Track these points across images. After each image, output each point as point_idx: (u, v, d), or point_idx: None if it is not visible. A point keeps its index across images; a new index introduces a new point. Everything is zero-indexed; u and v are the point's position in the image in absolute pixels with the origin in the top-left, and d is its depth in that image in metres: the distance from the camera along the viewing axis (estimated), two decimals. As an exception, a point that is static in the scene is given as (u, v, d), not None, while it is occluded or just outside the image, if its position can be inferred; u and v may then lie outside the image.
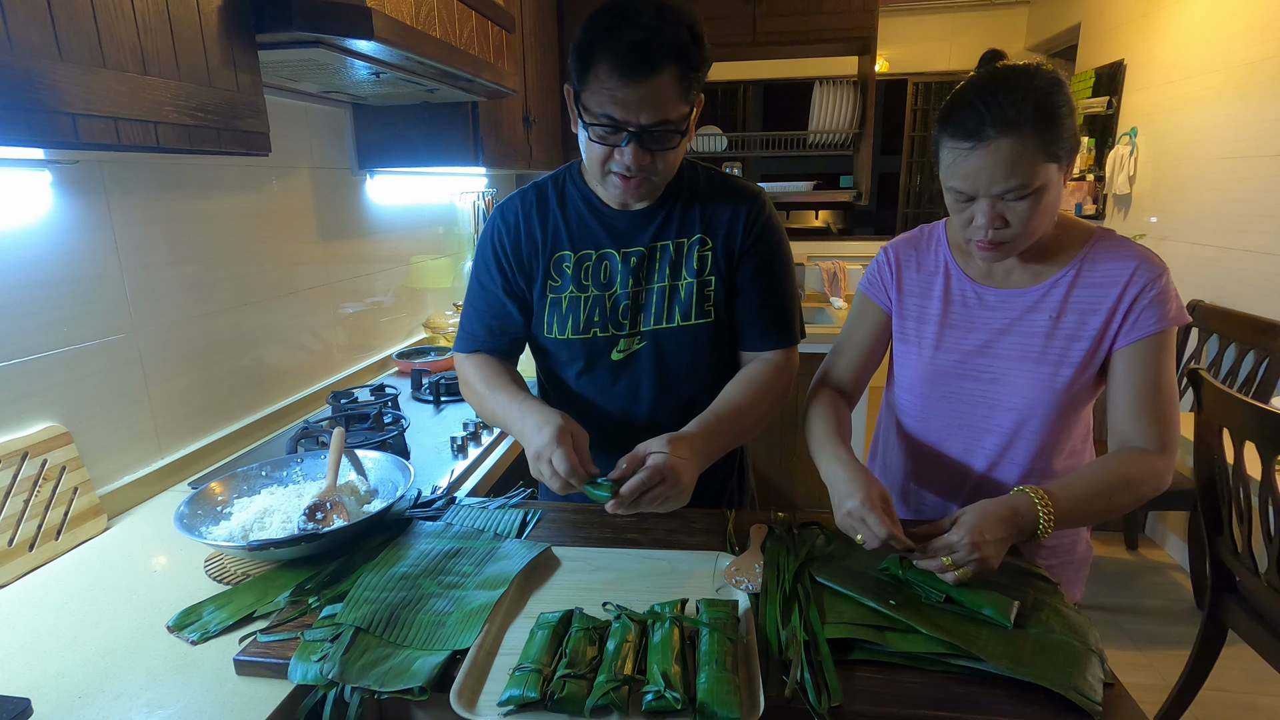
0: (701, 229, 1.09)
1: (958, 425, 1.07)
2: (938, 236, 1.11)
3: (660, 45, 0.89)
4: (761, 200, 1.12)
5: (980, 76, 0.91)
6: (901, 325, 1.12)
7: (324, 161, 1.77)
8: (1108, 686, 0.70)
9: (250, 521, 0.99)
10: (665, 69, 0.90)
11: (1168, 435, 0.95)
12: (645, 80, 0.90)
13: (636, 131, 0.94)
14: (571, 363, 1.14)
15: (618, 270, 1.09)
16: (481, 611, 0.81)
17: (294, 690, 0.74)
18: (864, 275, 1.18)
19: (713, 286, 1.09)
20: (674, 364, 1.11)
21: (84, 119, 0.75)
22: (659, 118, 0.93)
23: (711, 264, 1.09)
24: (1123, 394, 0.97)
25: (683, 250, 1.09)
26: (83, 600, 0.92)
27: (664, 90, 0.91)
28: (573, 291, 1.10)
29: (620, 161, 0.97)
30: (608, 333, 1.10)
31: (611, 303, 1.09)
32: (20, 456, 1.02)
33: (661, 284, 1.09)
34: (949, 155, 0.91)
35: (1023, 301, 1.01)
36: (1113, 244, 0.99)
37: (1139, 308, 0.95)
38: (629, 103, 0.91)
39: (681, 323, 1.09)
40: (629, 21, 0.90)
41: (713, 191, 1.10)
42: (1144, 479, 0.93)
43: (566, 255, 1.10)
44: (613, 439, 1.09)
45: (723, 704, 0.66)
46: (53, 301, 1.09)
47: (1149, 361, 0.95)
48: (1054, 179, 0.89)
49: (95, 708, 0.72)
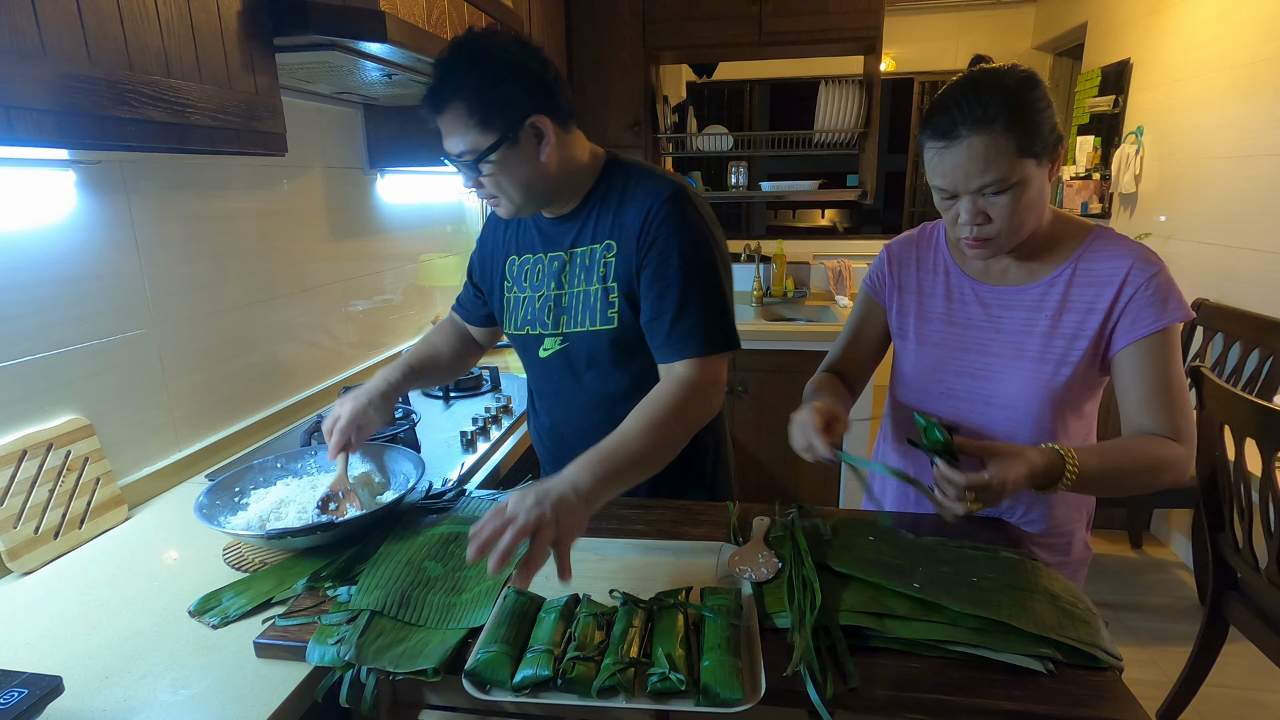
0: (609, 234, 1.09)
1: (955, 421, 1.09)
2: (938, 235, 1.13)
3: (446, 83, 0.97)
4: (665, 196, 1.04)
5: (956, 80, 0.94)
6: (901, 322, 1.14)
7: (336, 161, 1.80)
8: (1111, 680, 0.72)
9: (267, 512, 1.02)
10: (450, 105, 0.98)
11: (1183, 424, 0.95)
12: (440, 117, 1.00)
13: (448, 159, 1.04)
14: (522, 355, 1.25)
15: (546, 273, 1.15)
16: (490, 592, 0.85)
17: (312, 672, 0.77)
18: (866, 273, 1.20)
19: (616, 293, 1.08)
20: (588, 366, 1.15)
21: (111, 120, 0.78)
22: (458, 149, 1.01)
23: (614, 271, 1.08)
24: (1133, 391, 0.97)
25: (595, 256, 1.10)
26: (106, 586, 0.95)
27: (453, 125, 0.99)
28: (516, 291, 1.19)
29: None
30: (536, 331, 1.17)
31: (540, 303, 1.16)
32: (45, 447, 1.06)
33: (576, 289, 1.13)
34: (929, 155, 0.94)
35: (1021, 300, 1.03)
36: (1109, 241, 1.00)
37: (1136, 305, 0.95)
38: (444, 137, 1.02)
39: (590, 327, 1.12)
40: (431, 72, 1.00)
41: (625, 193, 1.08)
42: (1163, 462, 0.92)
43: (514, 258, 1.20)
44: (554, 433, 1.25)
45: (725, 686, 0.68)
46: (76, 298, 1.13)
47: (1154, 359, 0.95)
48: (1033, 175, 0.91)
49: (122, 687, 0.75)
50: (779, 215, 6.85)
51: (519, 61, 0.98)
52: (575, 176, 1.08)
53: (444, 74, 0.97)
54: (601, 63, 2.78)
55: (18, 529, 0.99)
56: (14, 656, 0.80)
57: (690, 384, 1.01)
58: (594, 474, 0.84)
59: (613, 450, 0.89)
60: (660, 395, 1.00)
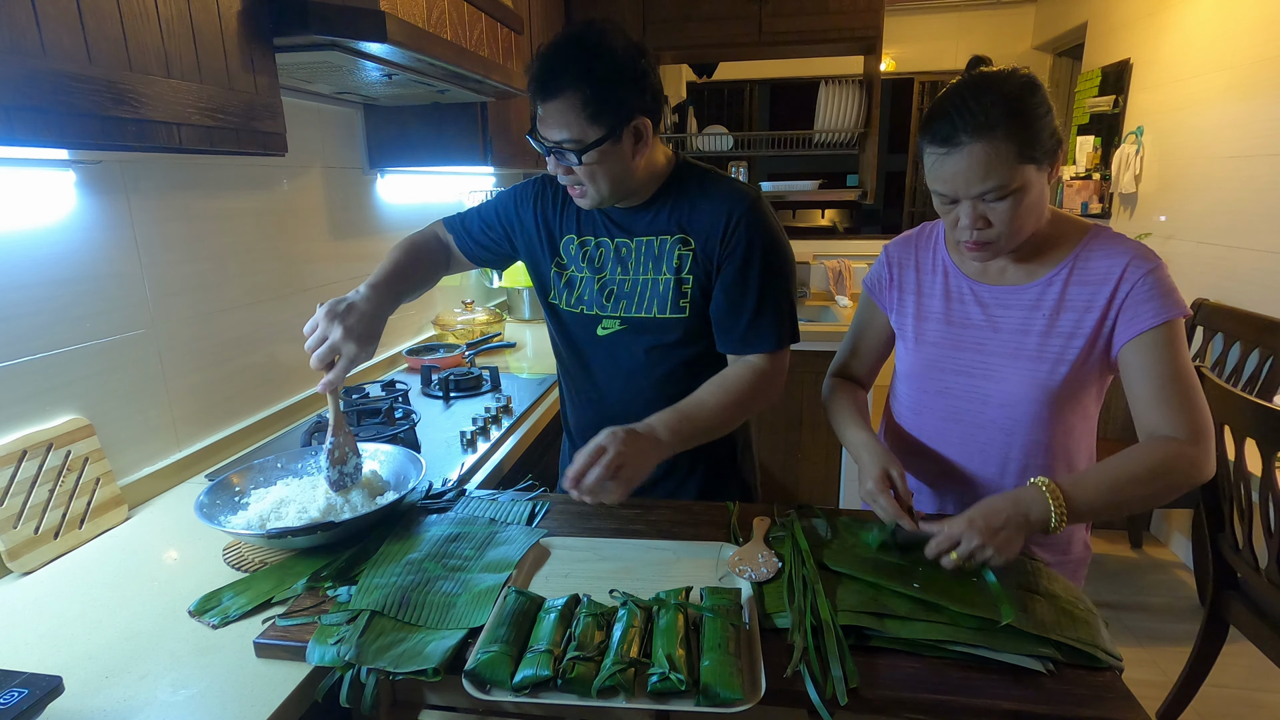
0: (683, 228, 1.14)
1: (953, 420, 1.10)
2: (937, 235, 1.13)
3: (563, 72, 1.00)
4: (748, 204, 1.12)
5: (957, 84, 0.94)
6: (900, 322, 1.15)
7: (336, 161, 1.80)
8: (1111, 680, 0.72)
9: (267, 511, 1.02)
10: (563, 94, 1.00)
11: (1197, 421, 0.92)
12: (547, 103, 1.02)
13: (548, 148, 1.06)
14: (569, 330, 1.26)
15: (610, 257, 1.19)
16: (490, 592, 0.85)
17: (312, 672, 0.76)
18: (867, 274, 1.21)
19: (690, 285, 1.15)
20: (648, 350, 1.20)
21: (111, 121, 0.78)
22: (559, 137, 1.03)
23: (691, 263, 1.14)
24: (1140, 388, 0.95)
25: (665, 246, 1.15)
26: (106, 586, 0.95)
27: (562, 113, 1.01)
28: (574, 270, 1.22)
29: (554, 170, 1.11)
30: (594, 312, 1.21)
31: (600, 285, 1.20)
32: (45, 447, 1.06)
33: (644, 276, 1.17)
34: (929, 160, 0.94)
35: (1019, 299, 1.03)
36: (1106, 240, 1.00)
37: (1134, 303, 0.95)
38: (542, 121, 1.05)
39: (658, 314, 1.17)
40: (541, 54, 1.02)
41: (701, 193, 1.15)
42: (1173, 468, 0.90)
43: (572, 238, 1.22)
44: (596, 409, 1.26)
45: (725, 686, 0.68)
46: (76, 298, 1.13)
47: (1159, 353, 0.94)
48: (1033, 179, 0.91)
49: (122, 687, 0.75)
50: (779, 215, 6.85)
51: (637, 63, 1.02)
52: (655, 175, 1.14)
53: (562, 61, 0.99)
54: (601, 63, 2.77)
55: (18, 529, 0.99)
56: (14, 656, 0.80)
57: (763, 372, 1.13)
58: (672, 430, 1.02)
59: (690, 415, 1.06)
60: (736, 377, 1.12)
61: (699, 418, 1.06)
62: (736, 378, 1.12)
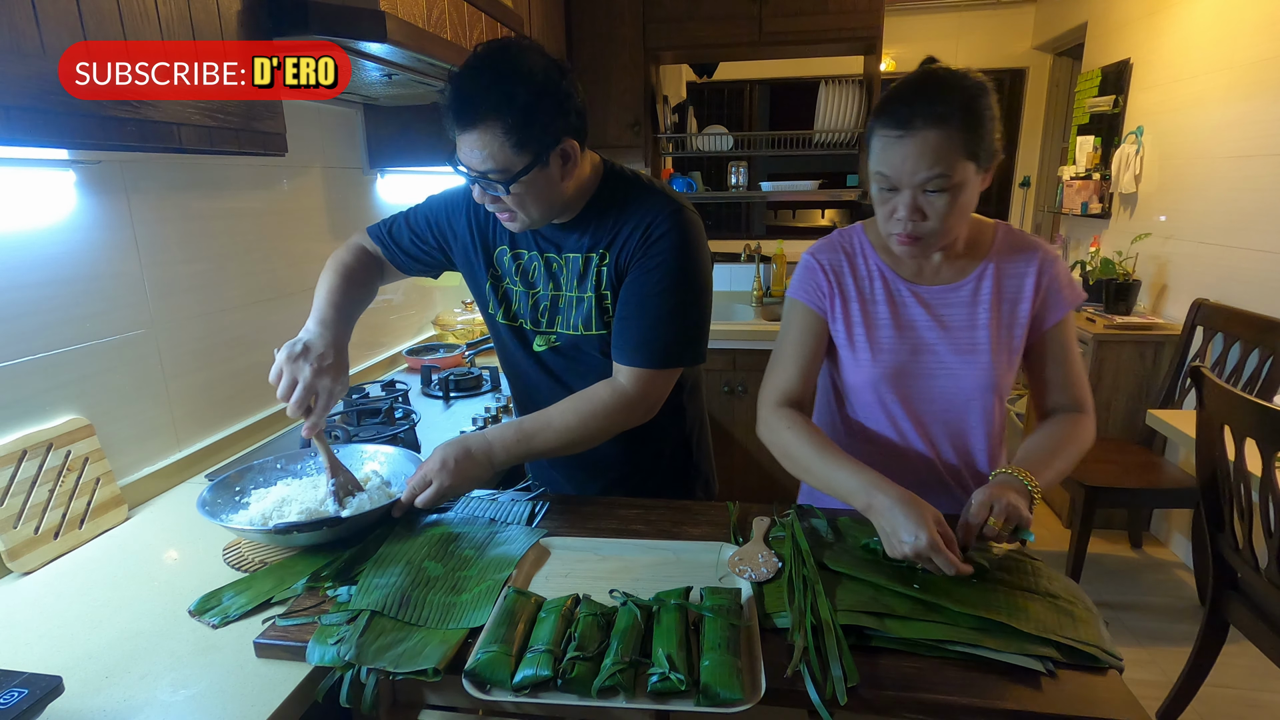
0: (604, 244, 1.10)
1: (915, 423, 1.09)
2: (861, 242, 1.11)
3: (482, 101, 0.94)
4: (666, 216, 1.06)
5: (914, 75, 0.96)
6: (848, 332, 1.09)
7: (336, 161, 1.80)
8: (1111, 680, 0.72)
9: (269, 510, 1.02)
10: (484, 123, 0.94)
11: (1088, 398, 1.07)
12: (467, 133, 0.96)
13: (473, 177, 1.01)
14: (507, 344, 1.24)
15: (541, 272, 1.15)
16: (490, 592, 0.85)
17: (312, 671, 0.76)
18: (794, 283, 1.13)
19: (608, 301, 1.11)
20: (578, 366, 1.17)
21: (111, 120, 0.78)
22: (484, 168, 0.97)
23: (607, 279, 1.10)
24: (1054, 371, 1.06)
25: (591, 265, 1.11)
26: (106, 586, 0.95)
27: (484, 144, 0.95)
28: (508, 283, 1.19)
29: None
30: (529, 327, 1.19)
31: (533, 301, 1.17)
32: (45, 447, 1.06)
33: (570, 293, 1.14)
34: (879, 143, 0.95)
35: (958, 296, 1.06)
36: (1014, 235, 1.07)
37: (1053, 291, 1.04)
38: (463, 151, 0.99)
39: (584, 331, 1.14)
40: (455, 79, 0.97)
41: (625, 206, 1.09)
42: (1084, 438, 1.03)
43: (505, 249, 1.18)
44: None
45: (725, 685, 0.68)
46: (77, 298, 1.13)
47: (1065, 340, 1.05)
48: (971, 179, 0.94)
49: (122, 687, 0.75)
50: (779, 215, 6.85)
51: (558, 84, 0.96)
52: (583, 190, 1.09)
53: (481, 88, 0.93)
54: (601, 63, 2.78)
55: (18, 529, 0.99)
56: (14, 656, 0.80)
57: (624, 395, 1.08)
58: (508, 451, 1.07)
59: (531, 435, 1.08)
60: (594, 398, 1.09)
61: (538, 439, 1.07)
62: (594, 399, 1.08)
